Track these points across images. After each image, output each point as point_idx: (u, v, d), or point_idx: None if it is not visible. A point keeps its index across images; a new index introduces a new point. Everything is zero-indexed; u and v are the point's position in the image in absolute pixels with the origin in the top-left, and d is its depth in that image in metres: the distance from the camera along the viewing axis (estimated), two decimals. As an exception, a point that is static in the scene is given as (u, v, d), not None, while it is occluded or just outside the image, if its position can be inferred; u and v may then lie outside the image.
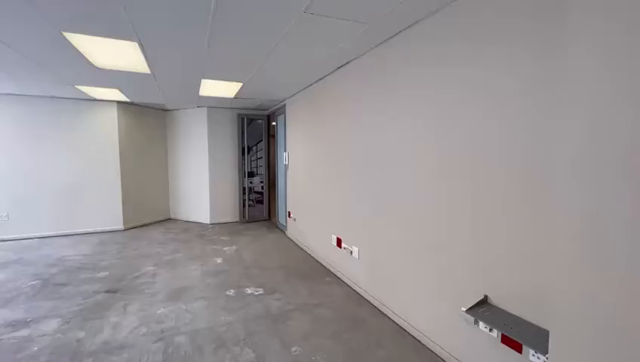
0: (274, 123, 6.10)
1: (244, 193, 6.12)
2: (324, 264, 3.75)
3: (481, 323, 1.62)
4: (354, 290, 3.06)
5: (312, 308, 2.70)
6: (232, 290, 3.05)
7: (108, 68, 3.30)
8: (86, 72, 3.45)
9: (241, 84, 3.98)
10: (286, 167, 5.13)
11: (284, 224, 5.35)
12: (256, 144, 6.28)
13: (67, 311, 2.64)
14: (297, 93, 4.47)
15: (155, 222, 6.11)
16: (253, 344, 2.19)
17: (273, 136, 6.41)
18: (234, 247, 4.47)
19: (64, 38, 2.48)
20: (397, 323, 2.45)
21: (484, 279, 1.70)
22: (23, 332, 2.33)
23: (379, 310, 2.67)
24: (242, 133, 6.05)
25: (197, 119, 5.97)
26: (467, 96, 1.77)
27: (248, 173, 6.20)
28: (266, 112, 6.18)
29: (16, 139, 4.80)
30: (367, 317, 2.57)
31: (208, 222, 6.00)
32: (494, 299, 1.65)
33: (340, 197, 3.31)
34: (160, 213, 6.28)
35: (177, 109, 6.18)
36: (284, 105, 5.08)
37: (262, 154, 6.36)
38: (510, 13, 1.52)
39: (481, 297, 1.69)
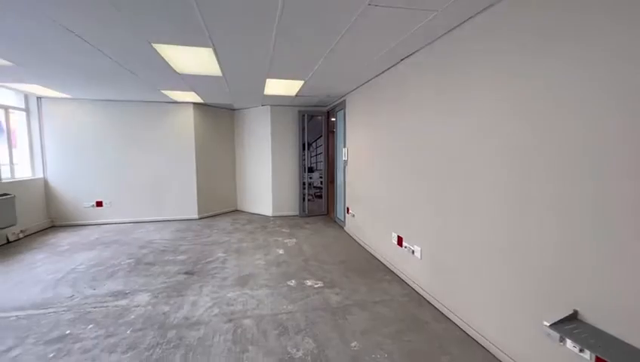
0: (333, 119, 6.15)
1: (303, 188, 6.31)
2: (383, 261, 3.68)
3: (568, 342, 1.43)
4: (414, 290, 2.95)
5: (371, 305, 2.68)
6: (293, 281, 3.18)
7: (186, 73, 3.67)
8: (169, 78, 3.89)
9: (302, 82, 4.09)
10: (345, 162, 5.14)
11: (343, 219, 5.38)
12: (315, 140, 6.39)
13: (155, 287, 3.04)
14: (358, 87, 4.43)
15: (224, 213, 6.66)
16: (314, 334, 2.26)
17: (332, 132, 6.46)
18: (294, 240, 4.65)
19: (153, 48, 2.82)
20: (462, 329, 2.29)
21: (574, 291, 1.49)
22: (123, 302, 2.74)
23: (442, 313, 2.53)
24: (303, 130, 6.22)
25: (261, 117, 6.31)
26: (549, 91, 1.55)
27: (308, 168, 6.37)
28: (326, 108, 6.25)
29: (114, 138, 5.65)
30: (429, 319, 2.46)
31: (270, 214, 6.33)
32: (587, 315, 1.43)
33: (402, 195, 3.20)
34: (228, 204, 6.83)
35: (243, 108, 6.62)
36: (344, 100, 5.07)
37: (321, 150, 6.46)
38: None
39: (570, 312, 1.48)
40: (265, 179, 6.37)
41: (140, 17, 2.18)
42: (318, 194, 6.57)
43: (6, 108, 4.82)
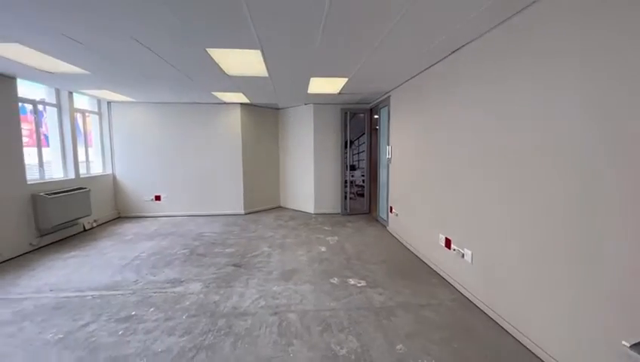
0: (376, 116, 6.04)
1: (345, 186, 6.29)
2: (428, 263, 3.54)
3: (654, 366, 1.25)
4: (463, 296, 2.79)
5: (417, 308, 2.59)
6: (335, 279, 3.19)
7: (236, 75, 3.84)
8: (220, 80, 4.11)
9: (346, 79, 4.06)
10: (388, 160, 5.02)
11: (385, 218, 5.27)
12: (358, 138, 6.33)
13: (206, 277, 3.25)
14: (403, 83, 4.29)
15: (268, 209, 6.89)
16: (357, 334, 2.24)
17: (375, 129, 6.35)
18: (336, 238, 4.66)
19: (207, 53, 2.99)
20: (518, 340, 2.12)
21: (661, 309, 1.29)
22: (179, 289, 2.97)
23: (495, 322, 2.36)
24: (345, 128, 6.20)
25: (304, 116, 6.41)
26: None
27: (350, 166, 6.33)
28: (368, 106, 6.16)
29: (170, 138, 6.12)
30: (480, 327, 2.31)
31: (312, 212, 6.42)
32: (679, 338, 1.24)
33: (452, 195, 3.05)
34: (272, 201, 7.06)
35: (287, 107, 6.77)
36: (388, 97, 4.95)
37: (363, 147, 6.39)
38: None
39: (656, 332, 1.29)
40: (307, 177, 6.47)
41: (197, 25, 2.33)
42: (360, 193, 6.50)
43: (83, 112, 5.46)
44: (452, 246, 3.01)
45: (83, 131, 5.46)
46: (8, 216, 3.79)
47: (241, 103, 6.15)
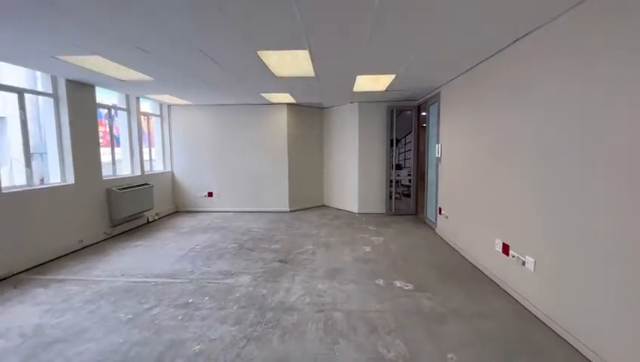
0: (424, 113, 5.79)
1: (390, 185, 6.14)
2: (482, 269, 3.31)
3: None
4: (523, 306, 2.56)
5: (470, 317, 2.43)
6: (381, 280, 3.12)
7: (283, 76, 3.94)
8: (269, 82, 4.25)
9: (393, 75, 3.96)
10: (438, 159, 4.79)
11: (434, 220, 5.04)
12: (404, 136, 6.13)
13: (254, 271, 3.38)
14: (456, 77, 4.05)
15: (312, 208, 6.98)
16: (405, 338, 2.17)
17: (423, 127, 6.10)
18: (381, 238, 4.57)
19: (258, 56, 3.11)
20: (591, 361, 1.89)
21: None
22: (230, 281, 3.13)
23: (563, 339, 2.13)
24: (391, 125, 6.04)
25: (349, 114, 6.38)
26: None
27: (396, 165, 6.16)
28: (416, 102, 5.93)
29: (222, 138, 6.49)
30: (545, 343, 2.10)
31: (356, 211, 6.36)
32: None
33: (511, 198, 2.81)
34: (316, 199, 7.14)
35: (332, 106, 6.79)
36: (439, 92, 4.72)
37: (410, 146, 6.17)
38: None
39: None
40: (351, 176, 6.43)
41: (250, 29, 2.42)
42: (406, 193, 6.30)
43: (147, 115, 6.02)
44: (510, 252, 2.78)
45: (147, 132, 6.01)
46: (89, 208, 4.32)
47: (287, 103, 6.31)
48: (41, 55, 3.05)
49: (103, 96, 4.91)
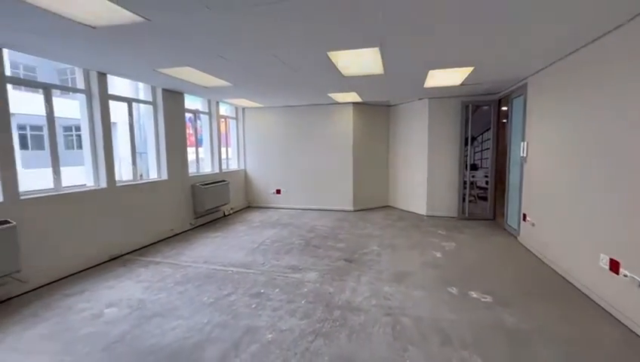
0: (505, 108, 5.21)
1: (464, 187, 5.68)
2: (580, 287, 2.84)
3: None
4: (638, 336, 2.12)
5: (566, 341, 2.10)
6: (453, 288, 2.91)
7: (351, 75, 3.93)
8: (336, 81, 4.28)
9: (471, 68, 3.64)
10: (523, 159, 4.26)
11: (516, 228, 4.50)
12: (481, 133, 5.61)
13: (321, 268, 3.45)
14: (548, 66, 3.54)
15: (376, 208, 6.85)
16: (485, 356, 1.97)
17: (503, 123, 5.50)
18: (453, 244, 4.25)
19: (327, 56, 3.15)
20: None
21: None
22: (297, 276, 3.25)
23: (701, 385, 1.70)
24: (466, 122, 5.57)
25: (417, 111, 6.08)
26: None
27: (471, 165, 5.66)
28: (496, 97, 5.36)
29: (289, 138, 6.77)
30: (673, 387, 1.71)
31: (424, 213, 6.04)
32: None
33: (624, 205, 2.35)
34: (380, 200, 6.99)
35: (399, 104, 6.56)
36: (525, 84, 4.19)
37: (488, 144, 5.60)
38: None
39: None
40: (419, 176, 6.12)
41: (322, 28, 2.46)
42: (483, 196, 5.75)
43: (225, 118, 6.61)
44: (621, 270, 2.32)
45: (224, 133, 6.60)
46: (178, 201, 4.93)
47: (353, 103, 6.29)
48: (146, 69, 3.56)
49: (189, 101, 5.54)
